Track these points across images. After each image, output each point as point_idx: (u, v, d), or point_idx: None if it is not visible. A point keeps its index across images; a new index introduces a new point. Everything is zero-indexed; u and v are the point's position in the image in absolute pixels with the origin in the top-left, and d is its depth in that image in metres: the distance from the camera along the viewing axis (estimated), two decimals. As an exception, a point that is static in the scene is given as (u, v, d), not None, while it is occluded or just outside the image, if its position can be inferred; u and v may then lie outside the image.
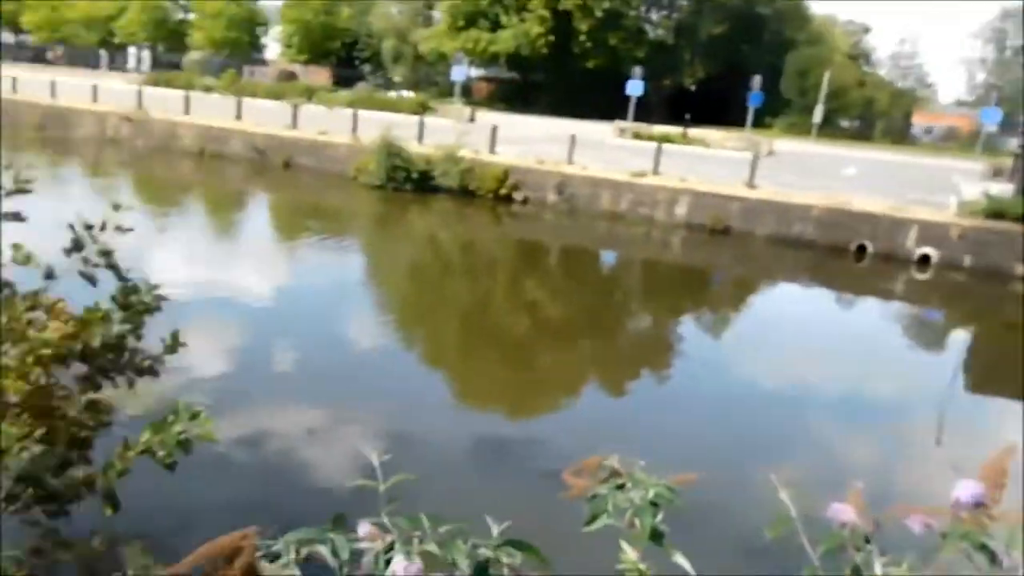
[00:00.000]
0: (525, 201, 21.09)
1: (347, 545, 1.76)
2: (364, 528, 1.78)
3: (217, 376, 7.64)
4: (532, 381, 8.96)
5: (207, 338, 8.62)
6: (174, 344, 4.28)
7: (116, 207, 3.83)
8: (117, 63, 67.96)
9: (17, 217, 3.77)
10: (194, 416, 3.83)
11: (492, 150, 22.66)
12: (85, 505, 3.74)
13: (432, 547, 1.73)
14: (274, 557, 1.86)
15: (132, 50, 69.13)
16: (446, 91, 46.15)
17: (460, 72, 39.13)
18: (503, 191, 21.12)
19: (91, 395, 4.01)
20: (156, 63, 65.02)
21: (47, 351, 3.40)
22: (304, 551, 1.83)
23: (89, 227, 3.87)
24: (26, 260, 3.68)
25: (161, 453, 3.75)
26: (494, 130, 23.13)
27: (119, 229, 3.87)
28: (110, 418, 4.09)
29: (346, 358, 8.85)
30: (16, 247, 3.68)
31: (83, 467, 3.79)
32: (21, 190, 3.74)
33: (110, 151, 27.46)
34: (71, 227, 3.85)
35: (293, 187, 23.13)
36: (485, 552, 1.75)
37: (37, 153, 26.08)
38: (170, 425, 3.74)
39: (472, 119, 35.98)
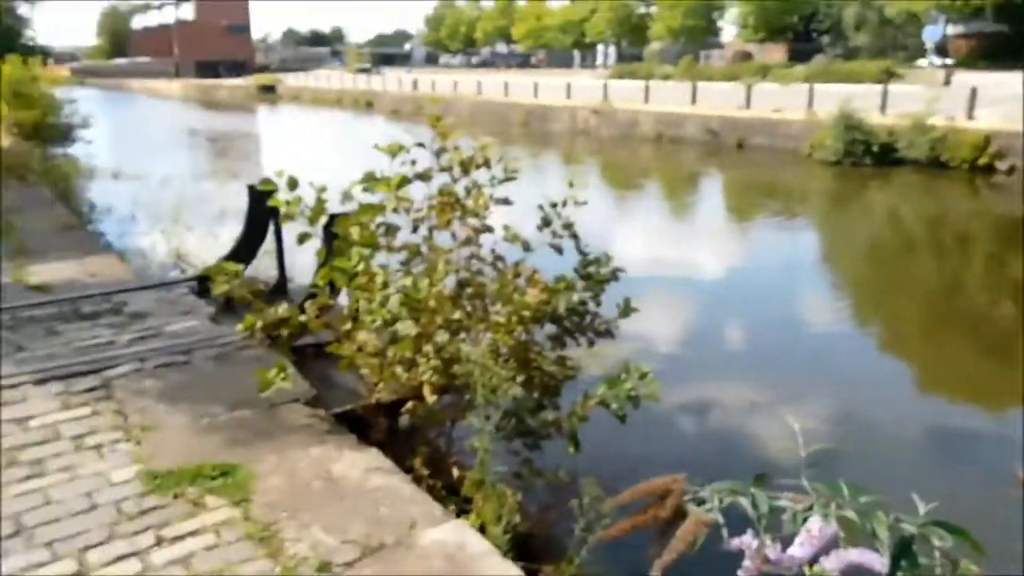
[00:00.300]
0: (1011, 170, 18.23)
1: (767, 500, 1.88)
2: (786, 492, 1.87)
3: (667, 345, 8.13)
4: (1012, 375, 7.87)
5: (661, 311, 9.19)
6: (626, 310, 4.74)
7: (571, 185, 4.39)
8: (587, 61, 74.30)
9: (506, 201, 4.51)
10: (643, 376, 4.23)
11: (970, 115, 19.98)
12: (553, 443, 4.37)
13: (850, 514, 1.76)
14: (699, 502, 2.05)
15: (600, 48, 74.90)
16: (918, 54, 41.65)
17: (934, 32, 35.02)
18: (982, 160, 18.52)
19: (559, 352, 4.64)
20: (620, 57, 69.54)
21: (527, 312, 4.04)
22: (727, 500, 2.00)
23: (554, 205, 4.48)
24: (513, 238, 4.40)
25: (614, 406, 4.22)
26: (973, 92, 20.35)
27: (576, 203, 4.41)
28: (575, 372, 4.69)
29: (795, 339, 8.72)
30: (506, 228, 4.41)
31: (552, 411, 4.43)
32: (509, 178, 4.46)
33: (580, 141, 30.24)
34: (540, 207, 4.49)
35: (746, 166, 23.08)
36: (909, 528, 1.73)
37: (522, 146, 29.83)
38: (622, 382, 4.19)
39: (947, 82, 31.98)
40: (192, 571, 2.97)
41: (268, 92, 66.45)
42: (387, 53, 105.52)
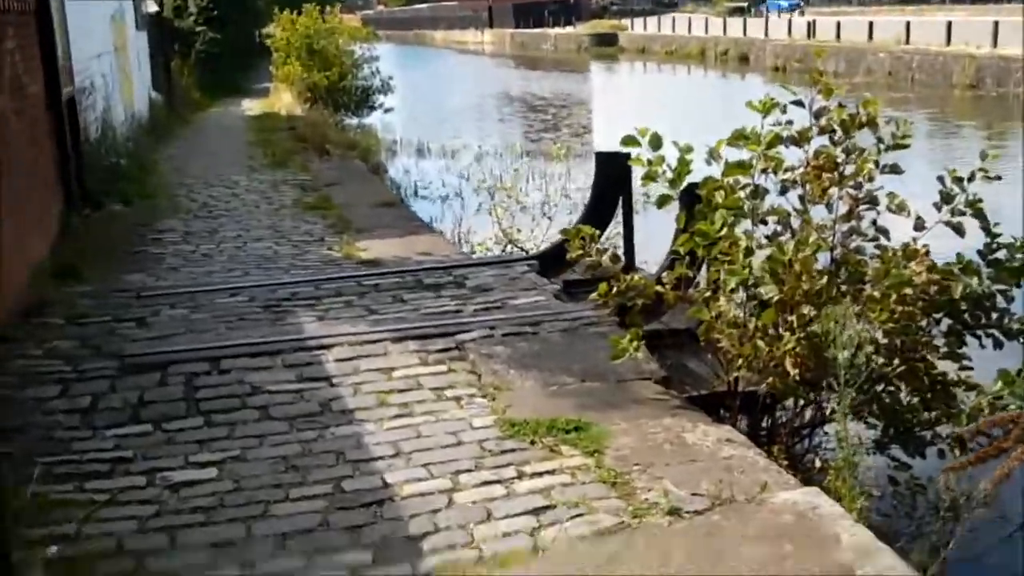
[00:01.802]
0: None
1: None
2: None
3: None
4: None
5: None
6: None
7: (983, 156, 5.51)
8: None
9: (894, 169, 5.75)
10: (1044, 373, 5.27)
11: None
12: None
13: None
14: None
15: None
16: None
17: None
18: None
19: (954, 348, 5.72)
20: None
21: (908, 291, 5.25)
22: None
23: (959, 179, 5.63)
24: (900, 208, 5.64)
25: (1012, 406, 5.29)
26: None
27: (987, 178, 5.51)
28: (974, 384, 5.71)
29: None
30: (891, 196, 5.66)
31: (939, 411, 5.54)
32: (899, 146, 5.71)
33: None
34: (940, 179, 5.66)
35: None
36: None
37: (969, 117, 29.49)
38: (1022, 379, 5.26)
39: None
40: (552, 501, 4.62)
41: (606, 44, 70.79)
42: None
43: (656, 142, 5.77)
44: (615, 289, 5.88)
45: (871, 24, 45.78)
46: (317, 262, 9.55)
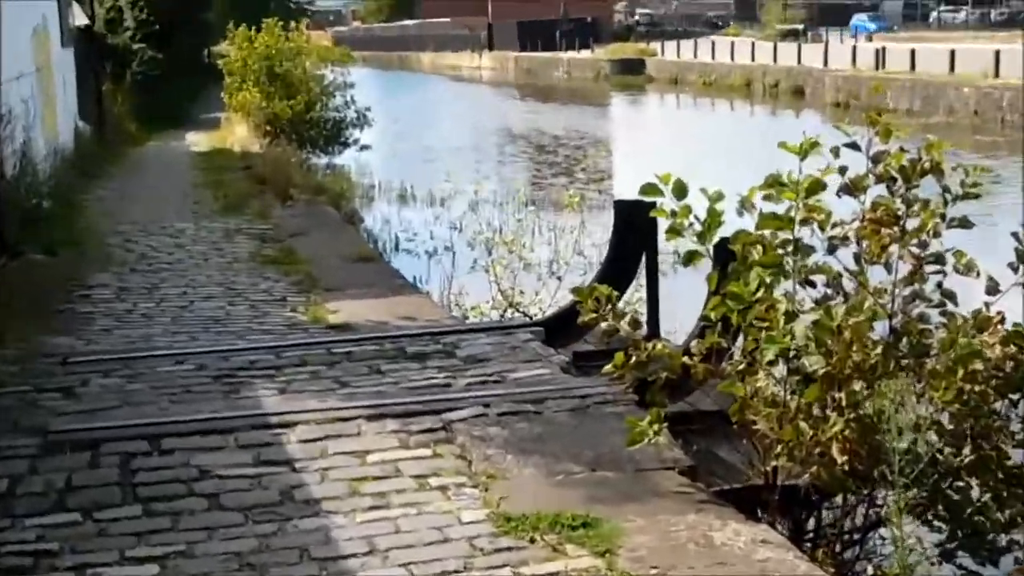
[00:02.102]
0: None
1: None
2: None
3: None
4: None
5: None
6: None
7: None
8: None
9: (964, 223, 5.87)
10: None
11: None
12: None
13: None
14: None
15: None
16: None
17: None
18: None
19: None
20: None
21: (979, 365, 5.34)
22: None
23: (1040, 234, 5.76)
24: (968, 268, 5.76)
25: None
26: None
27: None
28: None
29: None
30: (958, 255, 5.78)
31: (1015, 510, 5.61)
32: (968, 195, 5.84)
33: None
34: (1015, 235, 5.78)
35: None
36: None
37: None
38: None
39: None
40: (556, 607, 4.70)
41: (630, 72, 71.25)
42: (836, 2, 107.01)
43: (680, 190, 5.87)
44: (634, 359, 5.98)
45: (952, 53, 45.69)
46: (278, 326, 9.75)
